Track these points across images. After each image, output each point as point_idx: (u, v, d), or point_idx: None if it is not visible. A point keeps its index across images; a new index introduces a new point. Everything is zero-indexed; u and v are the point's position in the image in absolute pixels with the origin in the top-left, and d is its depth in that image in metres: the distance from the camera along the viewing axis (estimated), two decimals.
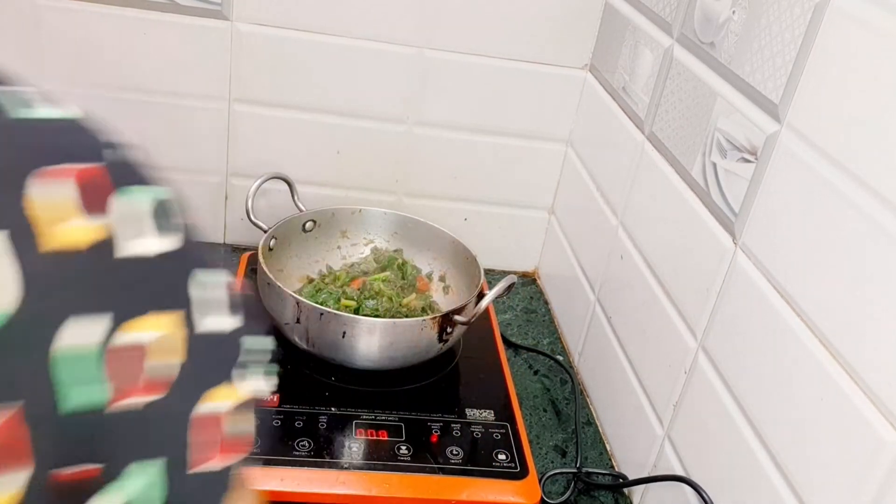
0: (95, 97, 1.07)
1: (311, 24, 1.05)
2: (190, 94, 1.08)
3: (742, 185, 0.70)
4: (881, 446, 0.52)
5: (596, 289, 1.03)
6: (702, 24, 0.79)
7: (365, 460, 0.80)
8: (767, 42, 0.67)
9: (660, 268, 0.85)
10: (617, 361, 0.94)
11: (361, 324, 0.86)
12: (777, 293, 0.64)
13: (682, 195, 0.80)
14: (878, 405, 0.53)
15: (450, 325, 0.89)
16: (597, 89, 1.08)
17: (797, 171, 0.63)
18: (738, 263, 0.70)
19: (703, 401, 0.74)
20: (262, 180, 1.02)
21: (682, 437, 0.78)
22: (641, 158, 0.91)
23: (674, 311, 0.81)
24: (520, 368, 1.05)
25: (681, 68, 0.83)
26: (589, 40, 1.10)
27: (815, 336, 0.59)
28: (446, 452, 0.82)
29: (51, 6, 1.01)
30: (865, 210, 0.55)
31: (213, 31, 1.04)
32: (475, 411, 0.89)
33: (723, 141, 0.74)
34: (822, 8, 0.61)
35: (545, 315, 1.18)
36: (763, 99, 0.68)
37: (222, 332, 0.28)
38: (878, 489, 0.52)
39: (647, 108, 0.91)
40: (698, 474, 0.74)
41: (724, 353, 0.71)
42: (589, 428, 0.97)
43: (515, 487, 0.79)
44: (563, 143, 1.17)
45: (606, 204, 1.01)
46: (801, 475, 0.60)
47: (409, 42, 1.07)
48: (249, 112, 1.10)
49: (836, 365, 0.57)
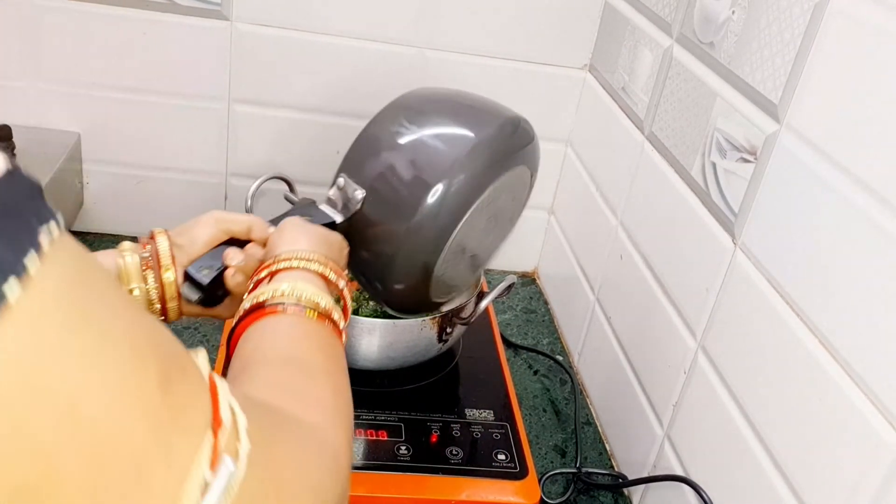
0: (95, 97, 1.07)
1: (311, 25, 1.05)
2: (190, 94, 1.08)
3: (741, 185, 0.70)
4: (881, 446, 0.52)
5: (596, 289, 1.03)
6: (701, 25, 0.79)
7: (365, 460, 0.80)
8: (767, 42, 0.67)
9: (659, 268, 0.85)
10: (616, 361, 0.94)
11: (361, 324, 0.86)
12: (777, 293, 0.64)
13: (681, 195, 0.80)
14: (878, 405, 0.53)
15: (449, 325, 0.89)
16: (597, 89, 1.08)
17: (796, 171, 0.63)
18: (737, 263, 0.70)
19: (702, 401, 0.74)
20: (263, 180, 1.02)
21: (681, 437, 0.78)
22: (641, 158, 0.91)
23: (673, 311, 0.81)
24: (519, 368, 1.05)
25: (680, 68, 0.83)
26: (589, 40, 1.10)
27: (815, 336, 0.59)
28: (446, 452, 0.82)
29: (51, 6, 1.01)
30: (865, 210, 0.55)
31: (213, 31, 1.04)
32: (475, 411, 0.89)
33: (722, 141, 0.74)
34: (822, 8, 0.61)
35: (545, 315, 1.18)
36: (762, 99, 0.68)
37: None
38: (878, 489, 0.52)
39: (647, 108, 0.91)
40: (698, 474, 0.74)
41: (724, 353, 0.71)
42: (589, 428, 0.97)
43: (515, 487, 0.79)
44: (562, 143, 1.17)
45: (606, 204, 1.01)
46: (801, 475, 0.60)
47: (410, 42, 1.08)
48: (249, 112, 1.10)
49: (836, 365, 0.57)
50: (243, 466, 0.32)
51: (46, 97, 1.06)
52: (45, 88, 1.06)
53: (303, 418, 0.42)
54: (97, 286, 0.28)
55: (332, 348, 0.53)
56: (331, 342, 0.53)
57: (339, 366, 0.52)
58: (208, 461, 0.30)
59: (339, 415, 0.46)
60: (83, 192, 1.13)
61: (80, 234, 1.15)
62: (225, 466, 0.31)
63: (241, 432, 0.33)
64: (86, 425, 0.26)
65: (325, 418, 0.44)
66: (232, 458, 0.31)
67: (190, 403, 0.31)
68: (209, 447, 0.31)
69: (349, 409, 0.48)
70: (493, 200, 0.76)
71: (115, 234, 1.17)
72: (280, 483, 0.35)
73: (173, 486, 0.29)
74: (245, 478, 0.32)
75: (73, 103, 1.07)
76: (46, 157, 1.03)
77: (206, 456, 0.30)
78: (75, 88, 1.06)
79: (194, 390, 0.32)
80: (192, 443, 0.30)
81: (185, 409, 0.30)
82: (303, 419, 0.42)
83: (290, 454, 0.38)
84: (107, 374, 0.27)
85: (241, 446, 0.32)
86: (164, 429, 0.29)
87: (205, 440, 0.31)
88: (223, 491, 0.30)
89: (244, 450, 0.32)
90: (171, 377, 0.30)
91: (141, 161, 1.12)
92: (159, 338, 0.31)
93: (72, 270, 0.27)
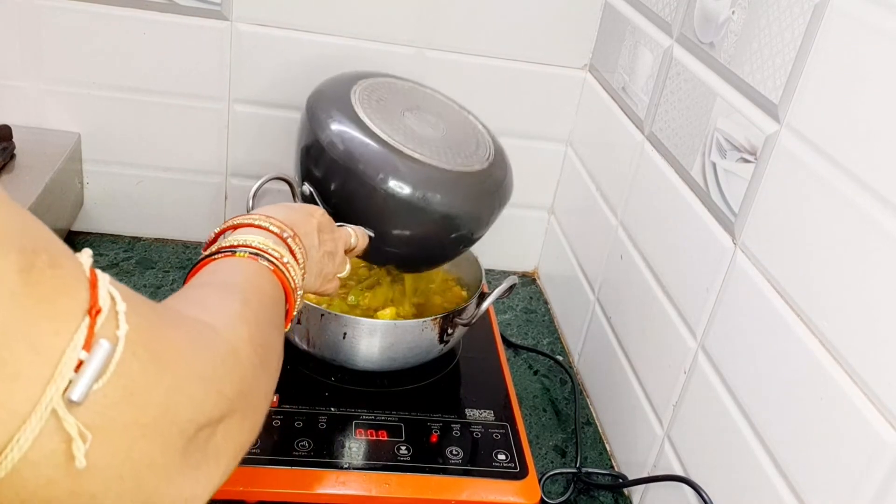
0: (95, 97, 1.07)
1: (310, 24, 1.05)
2: (190, 94, 1.08)
3: (742, 185, 0.70)
4: (881, 446, 0.52)
5: (596, 289, 1.03)
6: (701, 25, 0.79)
7: (365, 460, 0.80)
8: (767, 42, 0.67)
9: (659, 268, 0.85)
10: (617, 361, 0.94)
11: (362, 325, 0.86)
12: (777, 293, 0.64)
13: (681, 195, 0.80)
14: (878, 405, 0.53)
15: (450, 326, 0.89)
16: (597, 89, 1.08)
17: (797, 172, 0.63)
18: (737, 263, 0.70)
19: (702, 401, 0.74)
20: (264, 180, 1.01)
21: (681, 437, 0.78)
22: (641, 158, 0.91)
23: (673, 311, 0.81)
24: (520, 369, 1.05)
25: (680, 68, 0.83)
26: (589, 40, 1.10)
27: (815, 336, 0.59)
28: (446, 452, 0.82)
29: (51, 6, 1.01)
30: (865, 210, 0.55)
31: (213, 31, 1.04)
32: (475, 411, 0.89)
33: (722, 141, 0.74)
34: (822, 8, 0.61)
35: (545, 315, 1.18)
36: (762, 99, 0.68)
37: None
38: (878, 489, 0.52)
39: (647, 108, 0.91)
40: (698, 474, 0.74)
41: (724, 353, 0.71)
42: (589, 428, 0.97)
43: (515, 487, 0.79)
44: (562, 143, 1.17)
45: (606, 204, 1.01)
46: (801, 475, 0.60)
47: (410, 42, 1.08)
48: (249, 112, 1.10)
49: (836, 365, 0.57)
50: (121, 346, 0.33)
51: (46, 97, 1.06)
52: (46, 88, 1.06)
53: (200, 318, 0.43)
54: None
55: (257, 277, 0.55)
56: (256, 273, 0.55)
57: (259, 289, 0.54)
58: (83, 343, 0.31)
59: (243, 320, 0.47)
60: (83, 192, 1.13)
61: (80, 234, 1.15)
62: (100, 347, 0.32)
63: (120, 315, 0.34)
64: None
65: (226, 321, 0.45)
66: (109, 341, 0.32)
67: (60, 291, 0.32)
68: (84, 330, 0.32)
69: (259, 321, 0.50)
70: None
71: (115, 234, 1.17)
72: (164, 366, 0.36)
73: (41, 367, 0.30)
74: (123, 359, 0.33)
75: (73, 103, 1.07)
76: (46, 157, 1.02)
77: (80, 339, 0.31)
78: (75, 88, 1.06)
79: (66, 279, 0.32)
80: (64, 328, 0.31)
81: (54, 297, 0.31)
82: (199, 318, 0.43)
83: (177, 342, 0.38)
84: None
85: (120, 328, 0.33)
86: (27, 314, 0.30)
87: (80, 325, 0.32)
88: (98, 370, 0.32)
89: (122, 331, 0.33)
90: (35, 265, 0.30)
91: (141, 161, 1.12)
92: (25, 229, 0.31)
93: None
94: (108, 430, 0.32)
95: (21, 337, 0.30)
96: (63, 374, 0.31)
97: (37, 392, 0.30)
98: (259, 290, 0.54)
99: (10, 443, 0.30)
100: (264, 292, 0.54)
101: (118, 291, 0.34)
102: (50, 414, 0.30)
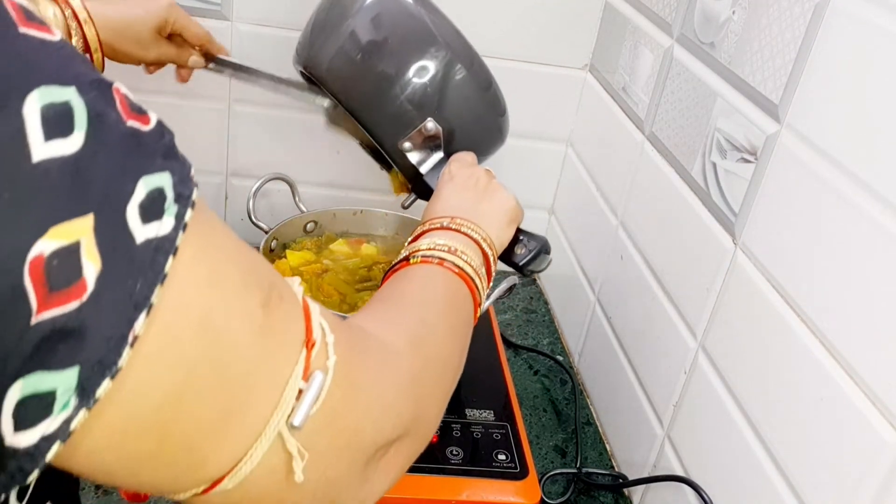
0: None
1: None
2: (190, 94, 1.08)
3: (742, 185, 0.70)
4: (881, 446, 0.52)
5: (596, 289, 1.03)
6: (702, 25, 0.79)
7: None
8: (767, 42, 0.67)
9: (660, 268, 0.85)
10: (617, 361, 0.94)
11: None
12: (777, 293, 0.64)
13: (681, 195, 0.80)
14: (878, 405, 0.53)
15: None
16: (597, 89, 1.08)
17: (797, 172, 0.63)
18: (737, 263, 0.70)
19: (703, 401, 0.74)
20: (264, 181, 1.02)
21: (682, 437, 0.78)
22: (641, 158, 0.91)
23: (674, 311, 0.81)
24: (520, 369, 1.05)
25: (681, 68, 0.83)
26: (589, 40, 1.10)
27: (815, 336, 0.59)
28: (446, 452, 0.82)
29: None
30: (865, 210, 0.55)
31: (213, 31, 1.04)
32: (475, 411, 0.89)
33: (723, 141, 0.74)
34: (822, 8, 0.61)
35: (545, 315, 1.18)
36: (763, 99, 0.68)
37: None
38: (878, 489, 0.52)
39: (647, 108, 0.91)
40: (698, 474, 0.74)
41: (724, 353, 0.71)
42: (589, 428, 0.97)
43: (515, 488, 0.79)
44: (563, 143, 1.17)
45: (606, 204, 1.01)
46: (801, 475, 0.60)
47: None
48: (249, 112, 1.10)
49: (836, 365, 0.57)
50: (330, 376, 0.36)
51: None
52: None
53: (385, 339, 0.46)
54: (213, 223, 0.33)
55: (444, 289, 0.58)
56: (448, 285, 0.58)
57: (444, 302, 0.57)
58: (302, 373, 0.35)
59: (422, 341, 0.49)
60: None
61: None
62: (316, 378, 0.35)
63: (330, 347, 0.37)
64: (213, 336, 0.31)
65: (407, 341, 0.48)
66: (322, 371, 0.36)
67: (286, 324, 0.35)
68: (303, 362, 0.35)
69: (437, 341, 0.52)
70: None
71: None
72: (358, 393, 0.39)
73: (272, 392, 0.34)
74: (330, 387, 0.36)
75: None
76: None
77: (300, 369, 0.35)
78: None
79: (290, 313, 0.36)
80: (289, 358, 0.35)
81: (283, 330, 0.35)
82: (384, 339, 0.46)
83: (369, 369, 0.41)
84: (225, 292, 0.32)
85: (329, 359, 0.37)
86: (268, 344, 0.34)
87: (300, 356, 0.35)
88: (314, 399, 0.35)
89: (331, 361, 0.37)
90: (270, 301, 0.34)
91: None
92: (260, 268, 0.35)
93: (199, 209, 0.31)
94: (313, 451, 0.36)
95: (263, 366, 0.33)
96: (287, 401, 0.34)
97: (267, 415, 0.34)
98: (443, 298, 0.57)
99: (244, 457, 0.33)
100: (446, 298, 0.57)
101: (326, 322, 0.37)
102: (276, 435, 0.34)
